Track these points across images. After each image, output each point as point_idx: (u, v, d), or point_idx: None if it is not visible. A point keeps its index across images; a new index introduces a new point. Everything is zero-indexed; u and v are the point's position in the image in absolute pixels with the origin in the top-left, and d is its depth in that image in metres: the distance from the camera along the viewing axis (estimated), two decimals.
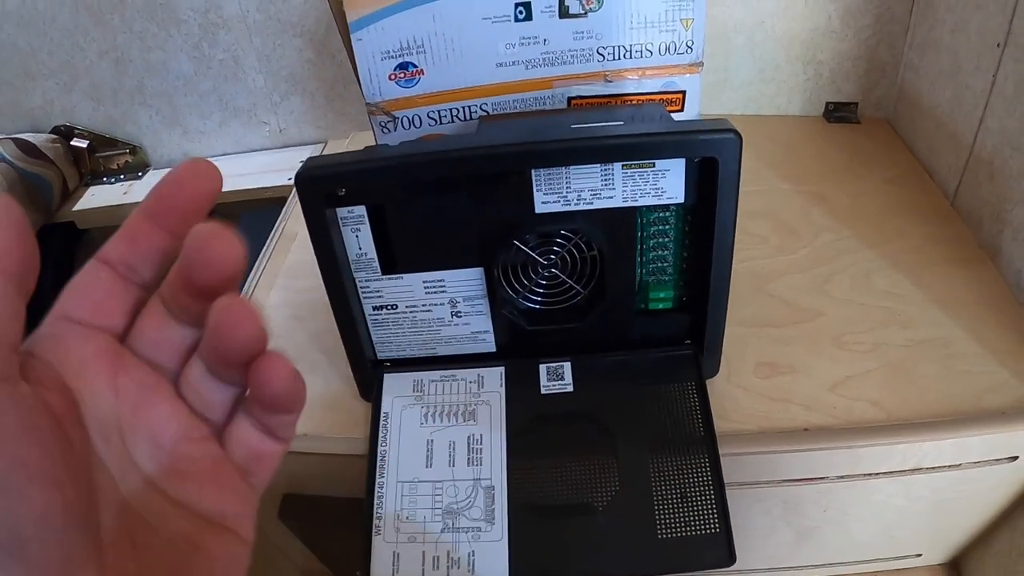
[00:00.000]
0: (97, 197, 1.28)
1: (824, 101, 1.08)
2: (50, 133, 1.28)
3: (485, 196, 0.60)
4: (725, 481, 0.60)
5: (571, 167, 0.57)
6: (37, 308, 1.05)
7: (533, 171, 0.58)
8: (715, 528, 0.59)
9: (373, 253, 0.62)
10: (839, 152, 1.01)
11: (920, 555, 0.81)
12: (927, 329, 0.73)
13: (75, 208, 1.26)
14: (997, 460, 0.67)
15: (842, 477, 0.68)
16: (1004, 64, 0.78)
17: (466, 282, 0.64)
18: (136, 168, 1.32)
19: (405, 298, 0.65)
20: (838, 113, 1.08)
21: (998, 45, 0.79)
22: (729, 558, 0.58)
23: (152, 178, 1.30)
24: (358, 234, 0.61)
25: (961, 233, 0.85)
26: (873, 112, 1.08)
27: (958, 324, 0.74)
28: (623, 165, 0.57)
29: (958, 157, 0.87)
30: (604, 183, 0.58)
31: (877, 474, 0.67)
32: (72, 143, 1.29)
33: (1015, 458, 0.67)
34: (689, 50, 0.67)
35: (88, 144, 1.29)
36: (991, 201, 0.81)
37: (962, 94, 0.87)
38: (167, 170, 1.10)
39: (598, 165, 0.57)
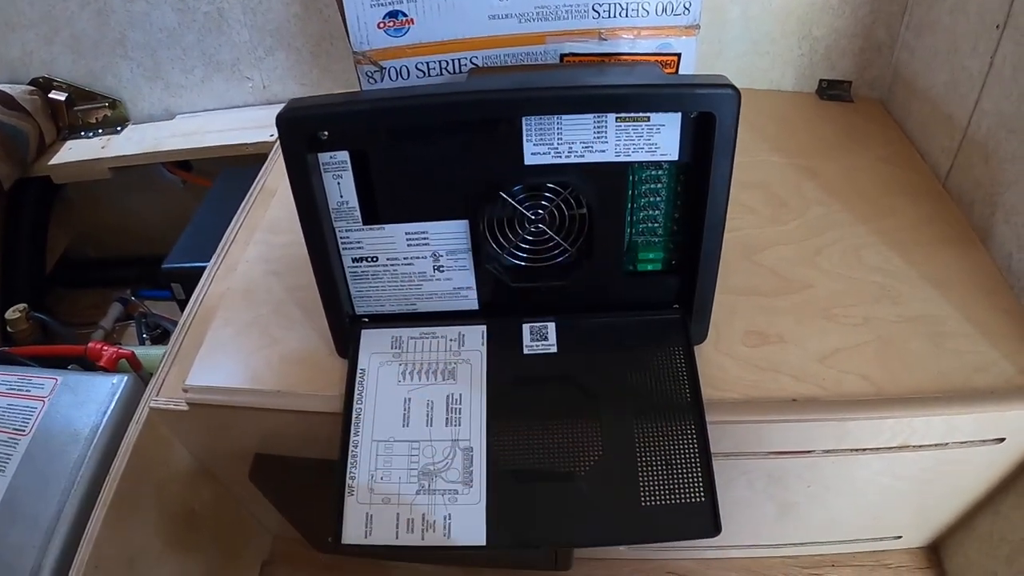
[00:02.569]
0: (74, 151, 1.26)
1: (818, 78, 1.07)
2: (28, 85, 1.26)
3: (473, 145, 0.58)
4: (711, 450, 0.59)
5: (563, 117, 0.55)
6: (11, 265, 1.02)
7: (524, 119, 0.56)
8: (700, 497, 0.58)
9: (355, 202, 0.60)
10: (832, 128, 1.00)
11: (900, 537, 0.81)
12: (918, 306, 0.72)
13: (51, 162, 1.24)
14: (984, 441, 0.66)
15: (828, 451, 0.67)
16: (1003, 46, 0.77)
17: (450, 235, 0.62)
18: (115, 122, 1.29)
19: (386, 250, 0.63)
20: (831, 91, 1.06)
21: (997, 26, 0.78)
22: (714, 528, 0.57)
23: (132, 132, 1.28)
24: (340, 181, 0.59)
25: (953, 214, 0.84)
26: (867, 92, 1.06)
27: (949, 303, 0.73)
28: (617, 117, 0.56)
29: (952, 139, 0.86)
30: (597, 136, 0.56)
31: (864, 450, 0.67)
32: (50, 95, 1.27)
33: (1002, 440, 0.66)
34: (686, 12, 0.65)
35: (67, 97, 1.27)
36: (984, 183, 0.80)
37: (958, 75, 0.86)
38: (146, 124, 1.08)
39: (591, 116, 0.56)
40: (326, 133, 0.56)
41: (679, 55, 0.67)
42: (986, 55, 0.80)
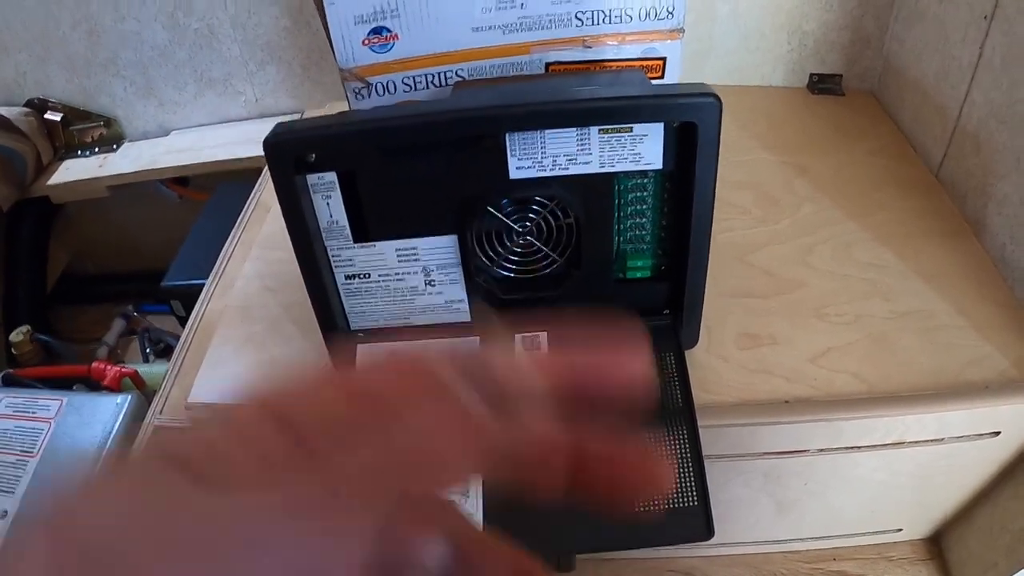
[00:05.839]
0: (71, 171, 1.27)
1: (808, 72, 1.07)
2: (23, 106, 1.26)
3: (458, 162, 0.58)
4: (704, 453, 0.59)
5: (546, 131, 0.56)
6: (13, 286, 1.02)
7: (507, 135, 0.56)
8: (693, 501, 0.58)
9: (344, 221, 0.61)
10: (823, 123, 1.00)
11: (901, 530, 0.80)
12: (910, 301, 0.73)
13: (49, 182, 1.25)
14: (979, 435, 0.66)
15: (823, 450, 0.67)
16: (991, 36, 0.77)
17: (440, 250, 0.62)
18: (111, 141, 1.30)
19: (378, 267, 0.64)
20: (822, 84, 1.06)
21: (985, 17, 0.78)
22: (707, 532, 0.57)
23: (128, 150, 1.28)
24: (329, 201, 0.60)
25: (945, 206, 0.84)
26: (858, 84, 1.07)
27: (941, 297, 0.73)
28: (600, 129, 0.56)
29: (943, 130, 0.86)
30: (580, 148, 0.57)
31: (859, 447, 0.67)
32: (46, 116, 1.27)
33: (997, 433, 0.66)
34: (670, 16, 0.65)
35: (62, 117, 1.27)
36: (976, 174, 0.80)
37: (948, 66, 0.86)
38: (142, 142, 1.07)
39: (574, 129, 0.56)
40: (313, 155, 0.57)
41: (664, 59, 0.68)
42: (975, 45, 0.80)
